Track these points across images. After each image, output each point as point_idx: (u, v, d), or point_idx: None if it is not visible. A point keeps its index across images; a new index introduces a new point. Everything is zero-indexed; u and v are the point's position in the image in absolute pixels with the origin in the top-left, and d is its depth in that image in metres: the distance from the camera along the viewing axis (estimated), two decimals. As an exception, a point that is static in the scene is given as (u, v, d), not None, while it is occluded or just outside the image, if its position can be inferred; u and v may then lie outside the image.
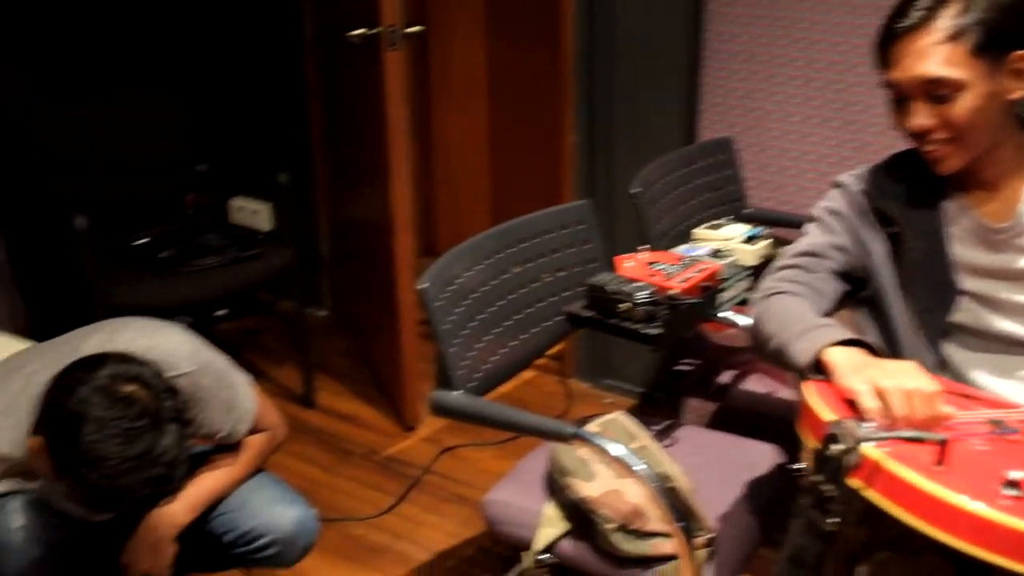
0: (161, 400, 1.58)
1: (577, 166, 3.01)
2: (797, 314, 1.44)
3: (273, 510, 1.93)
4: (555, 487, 1.74)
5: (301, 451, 2.88)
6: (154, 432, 1.54)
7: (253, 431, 1.95)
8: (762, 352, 1.46)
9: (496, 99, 4.02)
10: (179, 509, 1.84)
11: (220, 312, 3.76)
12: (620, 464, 1.54)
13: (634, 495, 1.63)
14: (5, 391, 1.70)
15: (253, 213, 3.78)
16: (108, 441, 1.51)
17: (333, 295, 3.81)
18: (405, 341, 2.89)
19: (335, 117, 3.38)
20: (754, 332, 1.49)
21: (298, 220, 3.45)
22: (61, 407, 1.54)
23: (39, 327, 3.02)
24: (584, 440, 1.54)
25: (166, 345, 1.75)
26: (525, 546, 1.71)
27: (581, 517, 1.66)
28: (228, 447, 1.94)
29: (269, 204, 3.78)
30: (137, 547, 1.84)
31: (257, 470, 2.00)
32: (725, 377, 2.29)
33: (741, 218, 2.28)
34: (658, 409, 2.30)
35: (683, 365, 2.39)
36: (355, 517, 2.60)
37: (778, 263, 1.56)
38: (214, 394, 1.83)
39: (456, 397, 1.61)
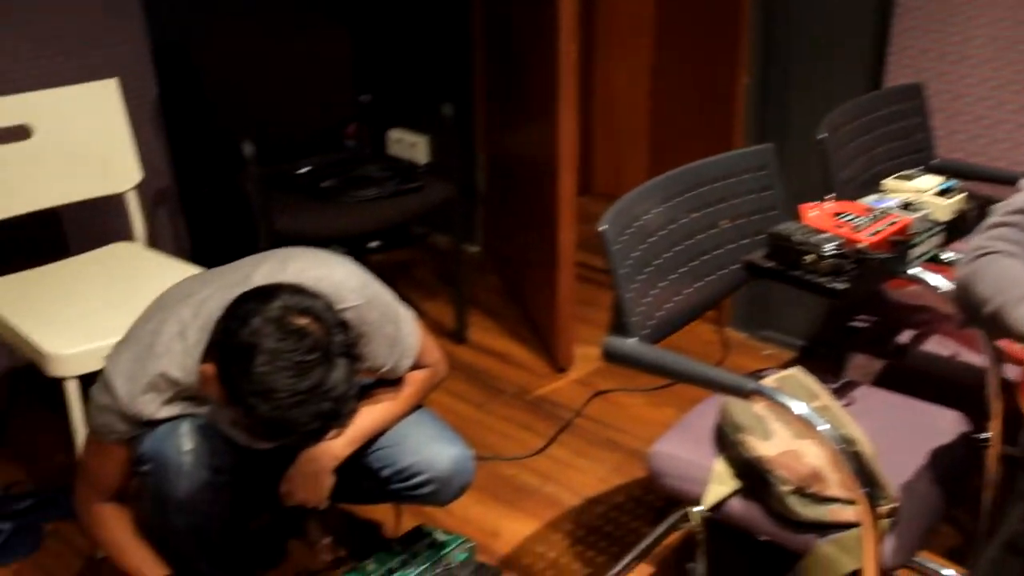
0: (332, 334, 1.57)
1: (749, 109, 2.88)
2: (1016, 276, 1.32)
3: (432, 448, 1.91)
4: (726, 443, 1.67)
5: (452, 387, 2.87)
6: (324, 366, 1.53)
7: (415, 367, 1.93)
8: (972, 316, 1.34)
9: (662, 39, 3.89)
10: (339, 442, 1.84)
11: (373, 244, 3.79)
12: (801, 423, 1.46)
13: (813, 457, 1.55)
14: (176, 318, 1.72)
15: (411, 146, 3.78)
16: (279, 373, 1.50)
17: (486, 231, 3.78)
18: (562, 282, 2.84)
19: (499, 51, 3.32)
20: (962, 294, 1.38)
21: (457, 154, 3.42)
22: (234, 336, 1.54)
23: (202, 253, 3.08)
24: (764, 396, 1.46)
25: (335, 277, 1.74)
26: (691, 501, 1.65)
27: (754, 476, 1.59)
28: (389, 382, 1.93)
29: (426, 137, 3.78)
30: (296, 478, 1.86)
31: (417, 406, 1.99)
32: (904, 336, 2.16)
33: (930, 169, 2.13)
34: (820, 364, 2.19)
35: (857, 321, 2.27)
36: (505, 457, 2.59)
37: (990, 220, 1.43)
38: (379, 328, 1.81)
39: (632, 345, 1.55)
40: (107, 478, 1.82)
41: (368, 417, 1.90)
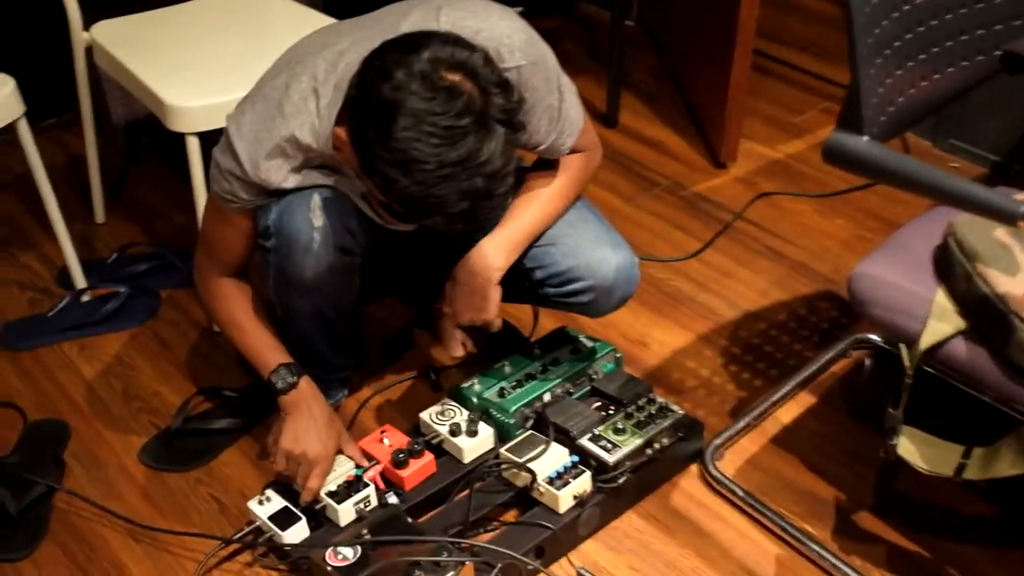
0: (490, 95, 1.29)
1: None
2: None
3: (594, 252, 1.67)
4: (954, 273, 1.37)
5: (601, 176, 2.59)
6: (479, 134, 1.27)
7: (572, 151, 1.66)
8: None
9: None
10: (497, 250, 1.61)
11: (516, 9, 3.43)
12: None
13: (1074, 302, 1.25)
14: (309, 72, 1.46)
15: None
16: (424, 140, 1.25)
17: (642, 3, 3.40)
18: (736, 67, 2.49)
19: None
20: None
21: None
22: (372, 94, 1.29)
23: (337, 3, 2.77)
24: (1028, 223, 1.15)
25: (497, 30, 1.46)
26: (902, 336, 1.38)
27: (989, 317, 1.31)
28: (543, 168, 1.67)
29: None
30: (459, 296, 1.63)
31: (577, 199, 1.73)
32: None
33: None
34: (1013, 184, 1.84)
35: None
36: (657, 258, 2.33)
37: None
38: (542, 97, 1.54)
39: (864, 144, 1.24)
40: (228, 250, 1.63)
41: (528, 213, 1.65)
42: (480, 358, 1.91)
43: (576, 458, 1.66)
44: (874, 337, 2.05)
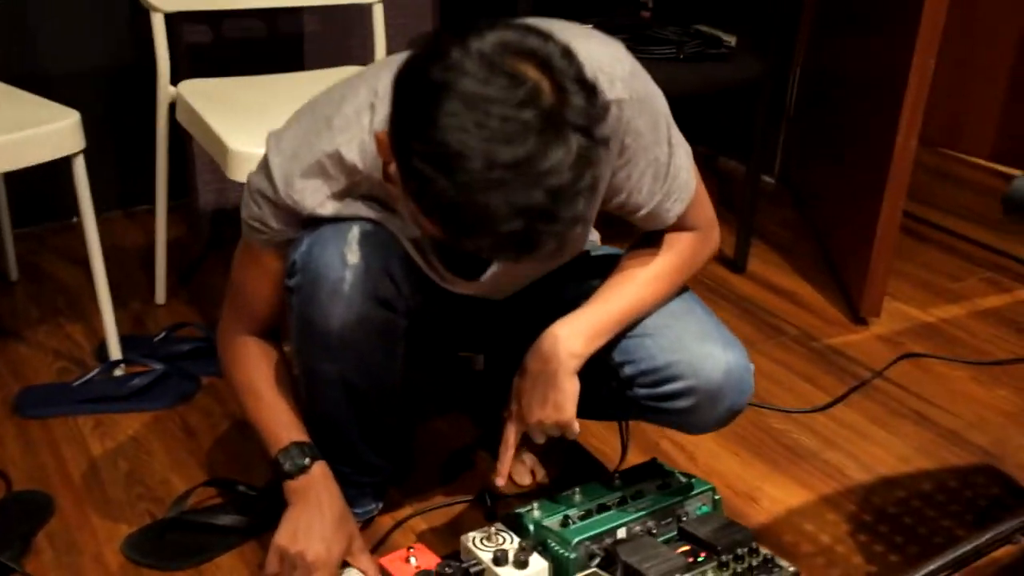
0: (567, 93, 1.00)
1: None
2: None
3: (700, 347, 1.33)
4: None
5: (720, 318, 2.26)
6: (544, 136, 0.97)
7: (679, 227, 1.36)
8: None
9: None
10: (575, 333, 1.30)
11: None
12: None
13: None
14: (369, 85, 1.24)
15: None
16: (473, 131, 0.95)
17: (785, 160, 3.13)
18: (885, 215, 2.18)
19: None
20: None
21: (769, 61, 2.80)
22: (420, 73, 1.01)
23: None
24: None
25: (596, 55, 1.17)
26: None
27: None
28: (643, 246, 1.38)
29: (733, 37, 3.15)
30: (526, 390, 1.32)
31: (682, 288, 1.42)
32: None
33: None
34: None
35: None
36: (778, 407, 1.96)
37: None
38: (646, 146, 1.25)
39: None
40: (255, 299, 1.36)
41: (617, 295, 1.34)
42: (550, 490, 1.57)
43: (648, 611, 1.28)
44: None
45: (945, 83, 3.39)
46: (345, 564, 1.35)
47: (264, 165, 1.25)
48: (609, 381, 1.39)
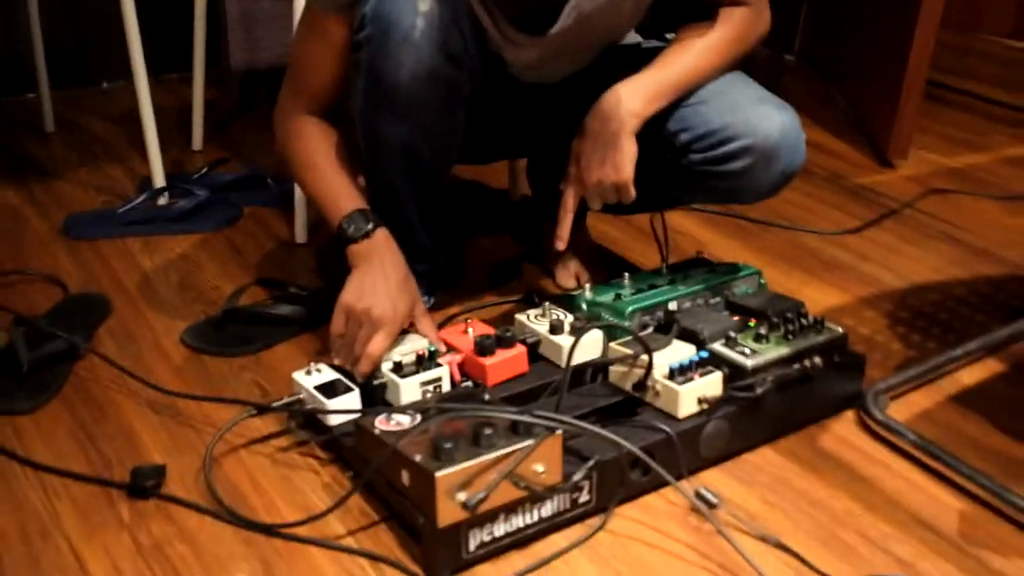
0: None
1: None
2: None
3: (755, 109, 1.37)
4: None
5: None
6: None
7: (732, 2, 1.39)
8: None
9: None
10: (634, 93, 1.33)
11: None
12: None
13: None
14: None
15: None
16: None
17: (804, 38, 3.13)
18: (914, 60, 2.23)
19: None
20: None
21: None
22: None
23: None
24: None
25: None
26: None
27: None
28: (701, 18, 1.40)
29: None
30: (585, 151, 1.35)
31: (735, 63, 1.44)
32: None
33: None
34: None
35: None
36: (812, 229, 1.99)
37: None
38: None
39: None
40: (318, 72, 1.39)
41: (676, 61, 1.37)
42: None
43: (706, 354, 1.31)
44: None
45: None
46: (405, 332, 1.37)
47: None
48: (664, 154, 1.42)
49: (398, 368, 1.30)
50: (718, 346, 1.33)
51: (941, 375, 1.52)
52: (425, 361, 1.31)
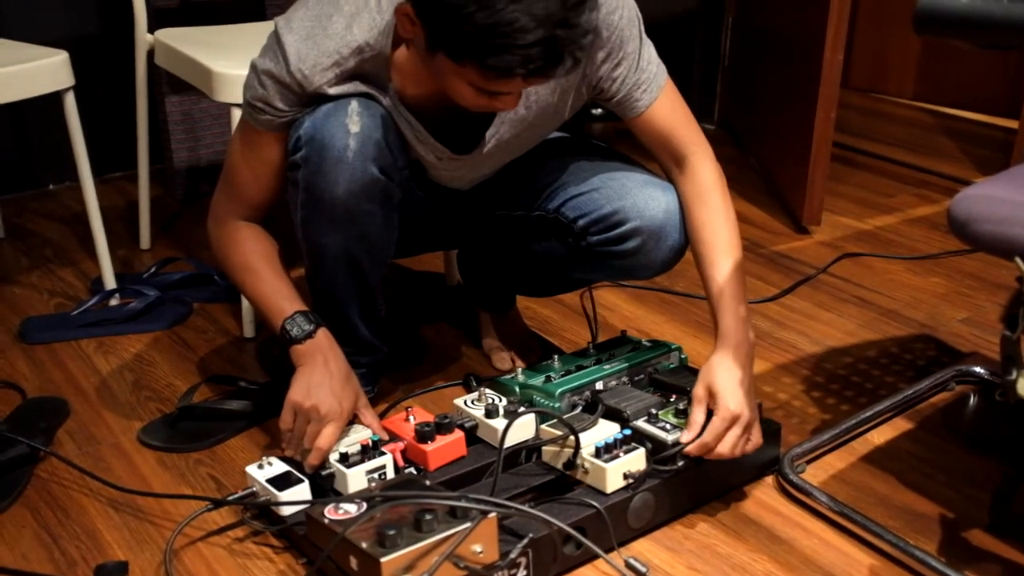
0: None
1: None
2: None
3: (642, 191, 1.50)
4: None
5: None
6: None
7: (675, 145, 1.51)
8: None
9: None
10: (736, 368, 1.42)
11: (595, 111, 3.37)
12: None
13: None
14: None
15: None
16: None
17: (722, 107, 3.30)
18: (819, 120, 2.38)
19: None
20: None
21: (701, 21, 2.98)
22: None
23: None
24: None
25: None
26: (1017, 249, 1.15)
27: None
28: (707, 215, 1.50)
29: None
30: (717, 427, 1.38)
31: (615, 153, 1.58)
32: None
33: None
34: None
35: None
36: (731, 298, 2.11)
37: None
38: (622, 40, 1.43)
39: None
40: (253, 183, 1.49)
41: (730, 308, 1.46)
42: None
43: (629, 431, 1.42)
44: (980, 370, 1.79)
45: (869, 31, 3.62)
46: (350, 423, 1.47)
47: (274, 46, 1.37)
48: (566, 238, 1.55)
49: (344, 458, 1.39)
50: (641, 423, 1.44)
51: (854, 436, 1.64)
52: (370, 450, 1.41)
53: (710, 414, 1.38)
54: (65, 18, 2.58)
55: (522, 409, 1.49)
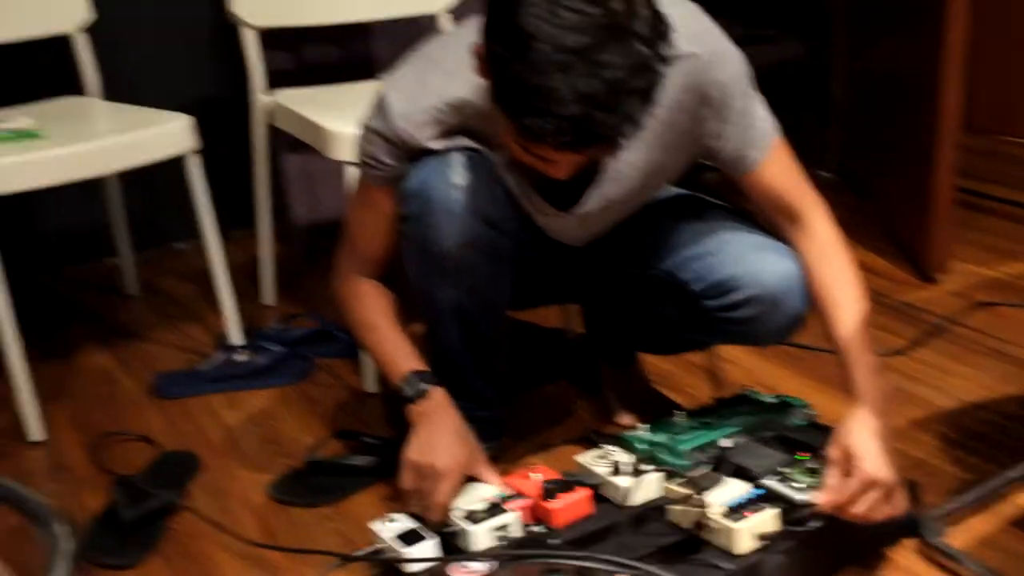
0: (635, 8, 1.17)
1: None
2: None
3: (758, 257, 1.47)
4: None
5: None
6: (606, 32, 1.15)
7: (788, 207, 1.49)
8: None
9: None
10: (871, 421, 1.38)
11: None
12: None
13: None
14: (472, 28, 1.38)
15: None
16: (547, 19, 1.13)
17: (839, 155, 3.24)
18: (940, 176, 2.32)
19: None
20: None
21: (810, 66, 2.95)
22: None
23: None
24: None
25: (670, 11, 1.30)
26: None
27: None
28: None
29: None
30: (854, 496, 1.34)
31: (734, 211, 1.56)
32: None
33: None
34: None
35: None
36: (857, 351, 2.05)
37: None
38: (727, 97, 1.41)
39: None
40: (370, 239, 1.52)
41: (860, 364, 1.43)
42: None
43: (762, 491, 1.39)
44: None
45: (991, 71, 3.51)
46: (476, 481, 1.47)
47: (379, 105, 1.41)
48: (681, 300, 1.53)
49: (470, 516, 1.39)
50: (771, 481, 1.40)
51: (998, 497, 1.57)
52: (495, 508, 1.40)
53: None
54: (189, 83, 2.68)
55: (648, 468, 1.46)
